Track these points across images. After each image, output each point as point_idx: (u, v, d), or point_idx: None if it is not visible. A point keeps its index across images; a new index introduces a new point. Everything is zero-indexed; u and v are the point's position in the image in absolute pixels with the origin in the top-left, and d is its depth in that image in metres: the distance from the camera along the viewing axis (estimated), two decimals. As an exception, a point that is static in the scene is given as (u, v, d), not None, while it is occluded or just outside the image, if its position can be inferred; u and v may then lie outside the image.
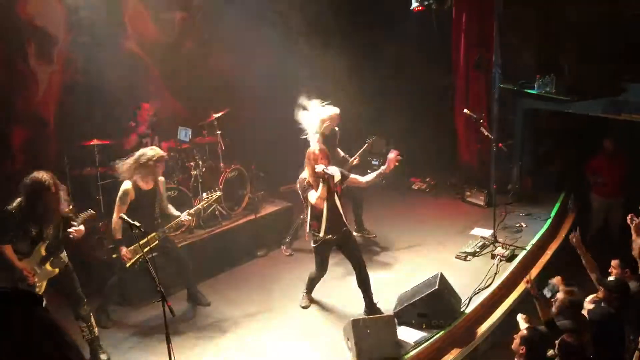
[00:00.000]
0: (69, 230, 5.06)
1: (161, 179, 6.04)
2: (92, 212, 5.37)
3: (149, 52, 8.65)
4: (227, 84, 9.18)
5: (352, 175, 6.11)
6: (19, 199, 4.90)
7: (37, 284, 5.05)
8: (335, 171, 5.78)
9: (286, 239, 7.77)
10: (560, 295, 4.80)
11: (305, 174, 5.85)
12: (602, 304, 4.94)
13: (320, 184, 5.67)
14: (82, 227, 5.14)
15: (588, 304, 5.07)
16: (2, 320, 0.92)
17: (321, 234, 5.85)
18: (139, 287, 6.40)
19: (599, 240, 7.94)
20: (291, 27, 9.51)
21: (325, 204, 5.71)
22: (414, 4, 9.28)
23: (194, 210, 6.08)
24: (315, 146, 6.02)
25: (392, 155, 5.88)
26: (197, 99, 8.86)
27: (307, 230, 5.96)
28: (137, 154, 5.84)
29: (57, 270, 5.14)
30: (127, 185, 5.75)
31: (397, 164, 5.92)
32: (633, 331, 4.98)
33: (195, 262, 6.81)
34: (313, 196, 5.70)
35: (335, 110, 7.26)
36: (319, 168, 5.62)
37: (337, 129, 7.40)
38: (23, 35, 7.40)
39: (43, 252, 5.05)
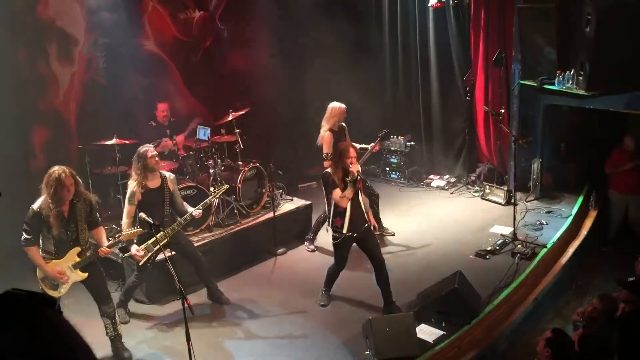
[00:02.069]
0: (99, 249, 5.15)
1: (170, 175, 6.06)
2: (120, 238, 5.40)
3: (168, 51, 8.74)
4: (246, 82, 9.24)
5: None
6: (42, 197, 4.97)
7: (63, 287, 5.12)
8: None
9: (309, 235, 7.78)
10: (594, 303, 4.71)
11: (329, 170, 5.85)
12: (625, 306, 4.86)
13: (348, 184, 5.71)
14: (107, 249, 5.21)
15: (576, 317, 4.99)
16: (13, 321, 0.93)
17: (344, 231, 5.86)
18: (159, 284, 6.48)
19: (621, 237, 7.85)
20: (305, 27, 9.55)
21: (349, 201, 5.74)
22: (432, 1, 9.25)
23: (202, 205, 6.09)
24: (344, 143, 6.08)
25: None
26: (216, 97, 8.93)
27: (330, 226, 5.97)
28: (135, 154, 5.90)
29: (86, 274, 5.20)
30: (132, 184, 5.81)
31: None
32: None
33: (214, 261, 6.87)
34: (338, 195, 5.70)
35: (338, 106, 7.29)
36: (354, 169, 5.68)
37: (344, 124, 7.41)
38: (44, 37, 7.52)
39: (77, 257, 5.12)
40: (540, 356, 4.25)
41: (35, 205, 4.95)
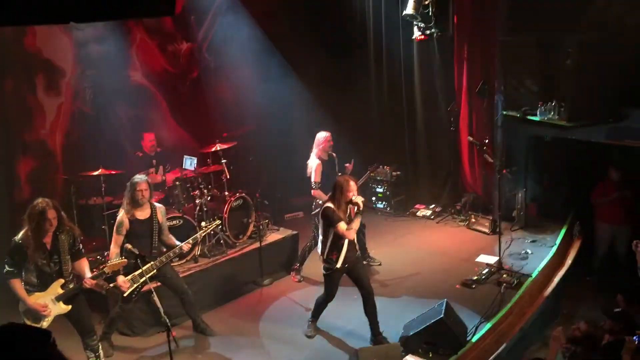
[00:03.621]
0: (83, 280, 5.09)
1: (161, 207, 6.05)
2: (104, 269, 5.31)
3: (155, 82, 8.80)
4: (233, 112, 9.31)
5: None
6: (24, 229, 4.93)
7: (46, 319, 5.03)
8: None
9: (295, 265, 7.76)
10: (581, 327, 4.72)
11: (330, 203, 5.82)
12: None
13: (355, 216, 5.75)
14: (91, 281, 5.14)
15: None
16: (12, 356, 0.94)
17: (338, 265, 5.86)
18: (143, 316, 6.41)
19: (606, 266, 7.92)
20: (291, 57, 9.68)
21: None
22: (416, 34, 9.43)
23: (192, 240, 6.09)
24: (344, 175, 6.16)
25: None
26: (203, 127, 8.97)
27: (324, 258, 5.95)
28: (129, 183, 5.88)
29: (69, 307, 5.12)
30: (121, 214, 5.78)
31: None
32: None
33: (200, 292, 6.82)
34: (344, 228, 5.71)
35: (324, 135, 7.34)
36: (359, 200, 5.73)
37: (334, 154, 7.46)
38: (31, 68, 7.54)
39: (60, 289, 5.05)
40: None
41: (18, 237, 4.92)
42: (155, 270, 5.75)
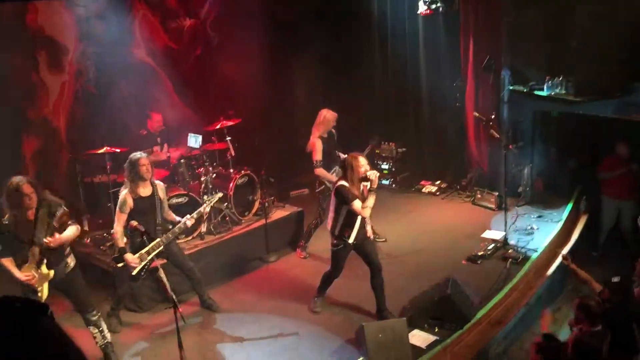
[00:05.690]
0: (45, 240, 4.93)
1: (160, 184, 6.03)
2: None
3: (158, 60, 8.73)
4: (237, 90, 9.25)
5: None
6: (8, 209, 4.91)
7: (38, 289, 5.02)
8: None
9: (301, 242, 7.78)
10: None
11: (343, 181, 5.77)
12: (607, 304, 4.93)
13: (368, 193, 5.74)
14: (59, 235, 4.99)
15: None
16: (6, 329, 0.93)
17: (350, 241, 5.87)
18: (150, 293, 6.45)
19: (611, 241, 7.91)
20: (295, 33, 9.58)
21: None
22: (422, 8, 9.31)
23: (196, 214, 6.07)
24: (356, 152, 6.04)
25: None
26: (207, 105, 8.93)
27: (336, 235, 5.94)
28: (127, 161, 5.84)
29: (52, 272, 5.04)
30: (124, 193, 5.75)
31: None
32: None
33: (206, 268, 6.85)
34: (359, 206, 5.69)
35: (330, 113, 7.29)
36: (373, 175, 5.69)
37: (334, 131, 7.41)
38: (34, 46, 7.49)
39: (37, 255, 4.97)
40: None
41: (4, 218, 4.89)
42: (161, 247, 5.77)
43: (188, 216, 5.96)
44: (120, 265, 5.74)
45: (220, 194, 6.37)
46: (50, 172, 7.62)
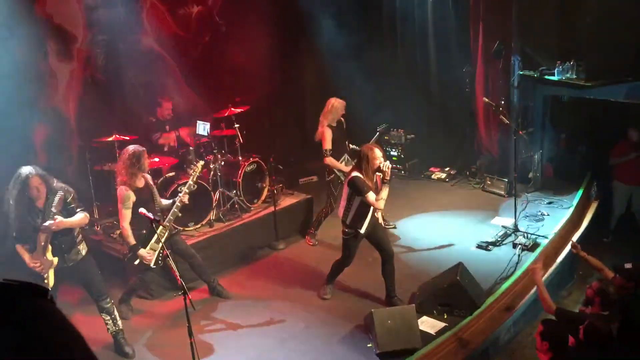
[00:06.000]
0: (45, 224, 4.97)
1: (146, 174, 5.95)
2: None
3: (167, 47, 8.71)
4: (245, 77, 9.23)
5: None
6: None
7: (45, 275, 5.09)
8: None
9: (310, 229, 7.78)
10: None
11: (357, 172, 5.74)
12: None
13: (382, 185, 5.73)
14: (61, 219, 5.02)
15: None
16: (7, 314, 0.93)
17: (362, 231, 5.87)
18: (160, 280, 6.49)
19: (622, 227, 7.86)
20: (303, 20, 9.53)
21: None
22: (431, -7, 9.23)
23: (187, 188, 5.96)
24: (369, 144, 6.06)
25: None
26: (216, 92, 8.91)
27: (348, 224, 5.93)
28: (123, 155, 5.75)
29: (56, 259, 5.10)
30: (125, 189, 5.63)
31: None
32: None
33: (215, 256, 6.89)
34: (373, 198, 5.68)
35: (338, 101, 7.24)
36: (386, 167, 5.69)
37: (342, 119, 7.38)
38: (42, 34, 7.49)
39: (42, 242, 5.05)
40: (540, 351, 4.26)
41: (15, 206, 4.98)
42: (168, 233, 5.79)
43: (180, 194, 5.90)
44: (137, 262, 5.74)
45: (202, 162, 6.24)
46: (61, 160, 7.65)
